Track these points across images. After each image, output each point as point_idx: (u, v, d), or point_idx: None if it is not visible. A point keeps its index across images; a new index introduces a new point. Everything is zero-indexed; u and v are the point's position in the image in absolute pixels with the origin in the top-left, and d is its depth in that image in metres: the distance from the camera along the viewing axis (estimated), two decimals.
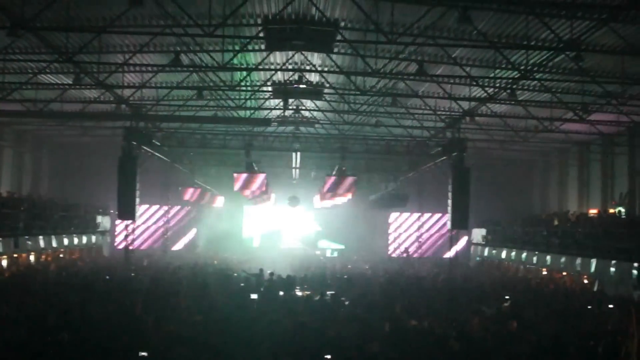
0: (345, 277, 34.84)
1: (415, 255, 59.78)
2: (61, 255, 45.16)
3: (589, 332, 20.09)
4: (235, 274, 35.11)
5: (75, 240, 47.71)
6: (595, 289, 34.37)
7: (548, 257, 40.67)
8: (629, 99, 33.26)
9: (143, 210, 58.74)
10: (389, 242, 66.75)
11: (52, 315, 19.94)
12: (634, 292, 30.24)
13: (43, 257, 42.84)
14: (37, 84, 35.01)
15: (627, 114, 36.69)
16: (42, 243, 41.80)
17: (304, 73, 35.16)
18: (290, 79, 36.57)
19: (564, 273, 39.43)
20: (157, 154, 44.36)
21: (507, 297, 28.64)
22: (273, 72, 34.85)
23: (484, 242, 55.02)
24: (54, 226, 44.03)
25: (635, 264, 31.10)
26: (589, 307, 26.67)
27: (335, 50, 31.09)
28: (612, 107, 35.97)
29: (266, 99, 40.19)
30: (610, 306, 26.41)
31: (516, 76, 31.54)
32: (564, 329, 20.20)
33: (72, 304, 22.32)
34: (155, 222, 62.72)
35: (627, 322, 20.44)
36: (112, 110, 40.40)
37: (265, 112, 42.22)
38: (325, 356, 15.67)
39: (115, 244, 58.46)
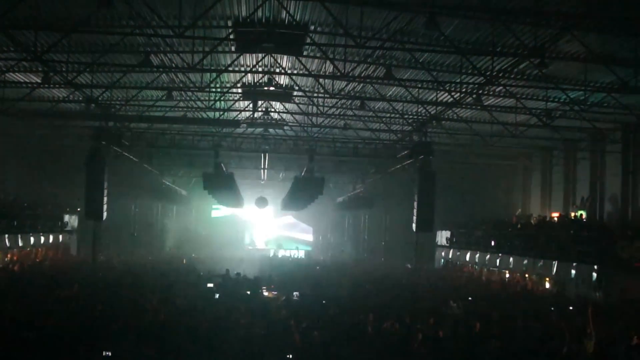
0: (312, 277, 35.10)
1: (381, 256, 60.09)
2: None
3: (550, 332, 20.50)
4: (202, 274, 35.30)
5: (43, 239, 47.48)
6: (556, 291, 34.89)
7: (511, 260, 41.13)
8: (591, 105, 33.78)
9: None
10: (356, 243, 67.05)
11: (18, 313, 20.01)
12: (593, 294, 30.77)
13: (9, 255, 42.64)
14: (5, 83, 34.81)
15: (589, 121, 37.24)
16: (7, 242, 41.57)
17: (274, 75, 35.47)
18: (260, 81, 36.85)
19: (526, 275, 39.91)
20: (126, 153, 44.39)
21: (470, 298, 29.11)
22: (243, 74, 35.06)
23: (448, 245, 55.46)
24: (20, 225, 43.82)
25: (595, 267, 31.64)
26: (552, 308, 27.13)
27: (305, 53, 31.40)
28: (574, 114, 36.49)
29: (235, 101, 40.38)
30: (571, 308, 26.91)
31: (482, 82, 32.02)
32: (525, 330, 20.60)
33: (37, 303, 22.40)
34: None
35: (585, 322, 21.02)
36: (81, 110, 40.29)
37: (235, 113, 42.42)
38: (288, 356, 15.85)
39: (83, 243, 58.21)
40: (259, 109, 41.55)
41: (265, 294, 28.74)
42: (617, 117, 36.55)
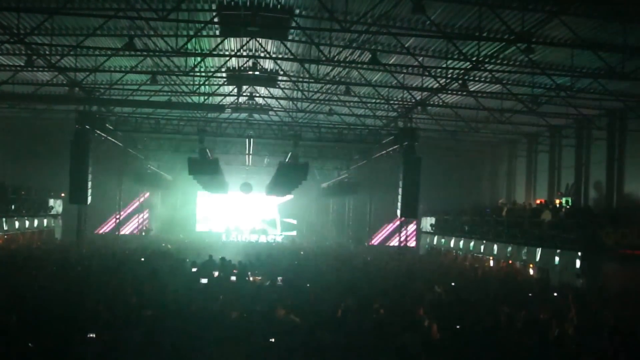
0: (296, 262, 35.04)
1: (366, 242, 60.00)
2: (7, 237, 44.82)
3: (532, 318, 20.48)
4: (187, 260, 35.15)
5: (27, 223, 47.32)
6: (540, 277, 34.92)
7: (495, 246, 41.14)
8: (577, 92, 33.74)
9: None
10: (341, 229, 66.95)
11: (2, 297, 19.90)
12: (576, 281, 30.84)
13: None
14: None
15: (575, 107, 37.20)
16: None
17: (258, 60, 35.28)
18: (245, 65, 36.67)
19: (510, 262, 39.92)
20: (110, 138, 44.19)
21: (452, 283, 29.10)
22: (227, 58, 34.87)
23: (432, 231, 55.46)
24: (4, 209, 43.64)
25: (579, 253, 31.67)
26: (530, 294, 27.13)
27: (290, 37, 31.25)
28: (560, 100, 36.44)
29: (220, 85, 40.20)
30: (555, 294, 26.90)
31: (468, 67, 31.90)
32: (507, 316, 20.54)
33: (22, 286, 22.28)
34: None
35: (566, 308, 21.07)
36: (65, 94, 40.03)
37: (219, 98, 42.26)
38: (270, 339, 15.81)
39: (68, 227, 57.97)
40: (244, 94, 41.44)
41: (250, 279, 28.59)
42: (604, 104, 36.56)
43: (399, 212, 39.55)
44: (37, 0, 26.31)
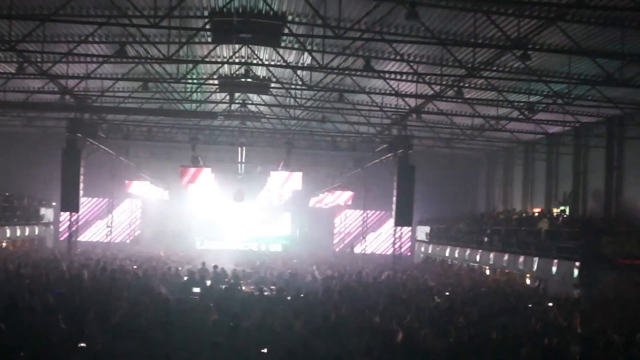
0: (289, 271, 34.78)
1: (360, 251, 59.68)
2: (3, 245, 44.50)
3: (527, 328, 20.24)
4: (179, 268, 34.87)
5: (18, 232, 47.02)
6: (536, 287, 34.64)
7: (491, 256, 40.88)
8: (574, 99, 33.44)
9: (87, 203, 58.28)
10: (334, 238, 66.59)
11: None
12: (574, 291, 30.53)
13: None
14: None
15: (572, 114, 37.00)
16: None
17: (251, 67, 35.00)
18: (237, 72, 36.44)
19: (507, 271, 39.66)
20: (102, 146, 43.88)
21: (447, 293, 28.83)
22: (219, 65, 34.60)
23: (427, 240, 55.20)
24: None
25: (577, 263, 31.39)
26: (530, 305, 26.81)
27: (283, 44, 30.99)
28: (557, 107, 36.22)
29: (212, 93, 39.93)
30: (550, 304, 26.59)
31: (463, 74, 31.67)
32: (503, 326, 20.26)
33: (12, 295, 21.98)
34: (99, 215, 61.87)
35: (570, 322, 20.78)
36: (56, 101, 39.76)
37: (212, 105, 41.94)
38: (262, 350, 15.66)
39: (59, 235, 57.61)
40: (236, 101, 41.21)
41: (243, 288, 28.34)
42: (602, 111, 36.28)
43: (393, 220, 39.24)
44: (28, 7, 26.08)
